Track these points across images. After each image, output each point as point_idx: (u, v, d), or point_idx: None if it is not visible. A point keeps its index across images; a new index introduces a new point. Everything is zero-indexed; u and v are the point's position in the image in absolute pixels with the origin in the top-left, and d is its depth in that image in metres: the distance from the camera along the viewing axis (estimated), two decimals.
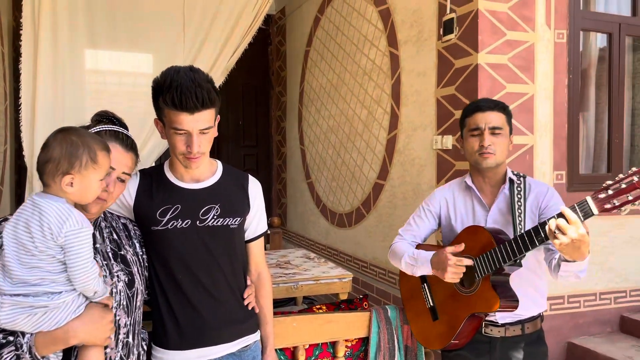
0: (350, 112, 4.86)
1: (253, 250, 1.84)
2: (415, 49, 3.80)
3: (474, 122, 1.85)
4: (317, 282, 2.95)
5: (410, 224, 2.07)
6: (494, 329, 1.84)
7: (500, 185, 1.88)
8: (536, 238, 1.55)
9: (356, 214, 4.78)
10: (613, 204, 1.40)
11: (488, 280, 1.72)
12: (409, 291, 2.10)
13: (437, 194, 2.02)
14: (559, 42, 3.38)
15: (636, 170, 1.38)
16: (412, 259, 1.90)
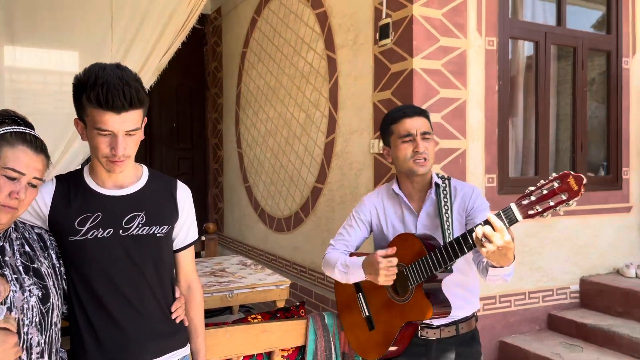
0: (289, 115, 4.81)
1: (182, 260, 1.74)
2: (352, 52, 3.81)
3: (404, 129, 1.83)
4: (253, 290, 2.86)
5: (342, 233, 2.03)
6: (430, 332, 1.85)
7: (427, 190, 1.88)
8: (465, 245, 1.57)
9: (295, 218, 4.73)
10: (536, 209, 1.41)
11: (421, 287, 1.72)
12: (345, 302, 2.07)
13: (366, 202, 2.00)
14: (489, 49, 3.48)
15: (556, 176, 1.40)
16: (344, 266, 1.87)
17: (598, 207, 3.96)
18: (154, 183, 1.66)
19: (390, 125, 1.89)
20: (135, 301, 1.58)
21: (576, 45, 3.88)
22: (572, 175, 1.38)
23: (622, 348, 3.24)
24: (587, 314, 3.67)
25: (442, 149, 3.31)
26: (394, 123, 1.87)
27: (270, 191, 5.25)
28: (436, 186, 1.86)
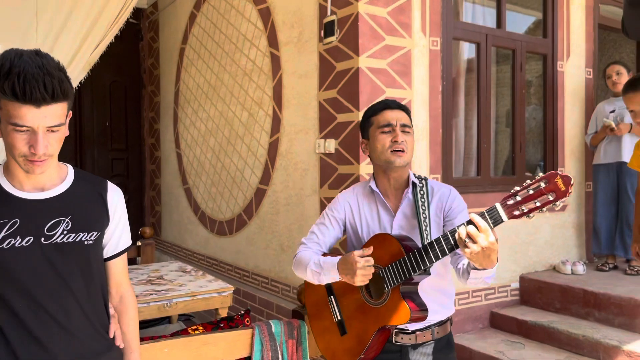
0: (230, 114, 4.65)
1: (114, 270, 1.58)
2: (297, 50, 3.71)
3: (384, 119, 1.77)
4: (193, 298, 2.69)
5: (314, 232, 1.93)
6: (405, 337, 1.78)
7: (404, 189, 1.82)
8: (446, 246, 1.50)
9: (237, 220, 4.57)
10: (522, 210, 1.37)
11: (398, 290, 1.64)
12: (315, 305, 1.96)
13: (340, 200, 1.91)
14: (433, 50, 3.49)
15: (543, 176, 1.36)
16: (318, 266, 1.76)
17: None
18: (80, 184, 1.49)
19: (371, 117, 1.83)
20: (61, 317, 1.41)
21: (515, 48, 3.97)
22: (559, 175, 1.34)
23: (562, 343, 3.32)
24: (527, 311, 3.75)
25: None
26: (375, 115, 1.82)
27: (211, 193, 5.06)
28: (413, 185, 1.80)
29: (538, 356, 3.24)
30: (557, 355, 3.24)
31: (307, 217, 3.64)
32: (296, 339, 2.08)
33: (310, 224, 3.57)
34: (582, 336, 3.23)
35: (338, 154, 3.33)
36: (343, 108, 3.27)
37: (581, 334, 3.25)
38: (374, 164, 1.86)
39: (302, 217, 3.70)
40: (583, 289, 3.61)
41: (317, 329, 1.94)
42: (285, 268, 3.90)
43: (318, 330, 1.93)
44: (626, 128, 3.91)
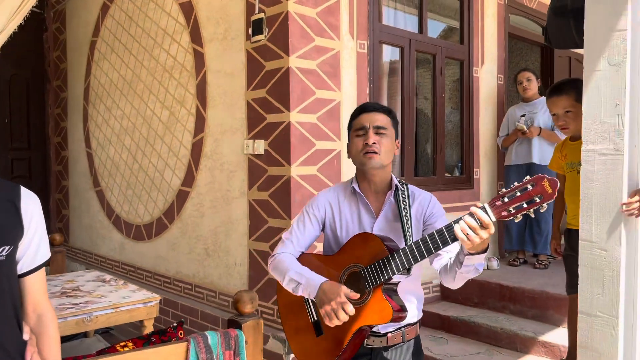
0: (149, 112, 4.41)
1: (31, 287, 1.41)
2: (223, 47, 3.59)
3: (359, 122, 1.77)
4: (116, 310, 2.50)
5: (294, 230, 1.87)
6: (376, 340, 1.76)
7: (385, 192, 1.81)
8: (441, 242, 1.51)
9: (157, 225, 4.35)
10: (509, 211, 1.41)
11: (380, 289, 1.63)
12: (288, 306, 1.88)
13: (321, 198, 1.87)
14: (360, 52, 3.52)
15: (530, 179, 1.40)
16: (298, 276, 1.71)
17: (454, 205, 4.23)
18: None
19: (351, 120, 1.83)
20: None
21: (436, 53, 4.11)
22: (546, 178, 1.38)
23: (482, 337, 3.48)
24: (449, 307, 3.90)
25: (318, 150, 3.25)
26: (354, 119, 1.81)
27: (127, 195, 4.78)
28: (395, 189, 1.79)
29: (461, 350, 3.37)
30: (478, 348, 3.39)
31: (234, 219, 3.54)
32: (233, 350, 1.99)
33: (238, 227, 3.50)
34: (500, 329, 3.41)
35: (268, 155, 3.26)
36: (273, 108, 3.20)
37: (499, 327, 3.42)
38: (356, 167, 1.84)
39: (229, 220, 3.59)
40: (499, 283, 3.81)
41: (290, 330, 1.87)
42: (211, 273, 3.77)
43: (291, 331, 1.86)
44: (536, 131, 4.17)
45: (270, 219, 3.26)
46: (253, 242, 3.40)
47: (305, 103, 3.17)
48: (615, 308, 1.90)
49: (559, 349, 3.12)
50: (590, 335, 1.97)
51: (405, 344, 1.81)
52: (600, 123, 1.93)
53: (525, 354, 3.25)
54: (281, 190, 3.18)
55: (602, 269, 1.94)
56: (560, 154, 2.30)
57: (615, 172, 1.90)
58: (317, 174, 3.25)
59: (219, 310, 3.67)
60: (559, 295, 3.45)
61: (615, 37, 1.88)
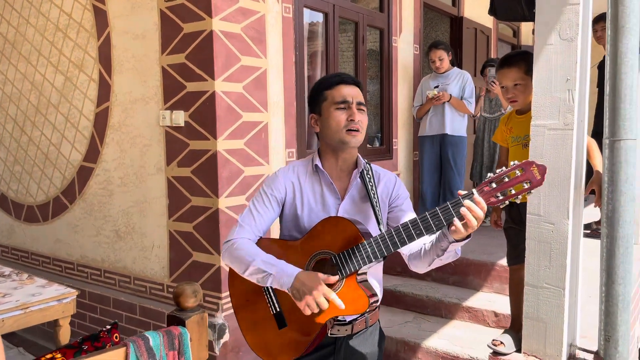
0: (39, 77, 3.85)
1: None
2: (130, 5, 3.18)
3: (339, 95, 1.60)
4: (26, 311, 2.14)
5: (252, 212, 1.65)
6: (341, 329, 1.64)
7: (350, 171, 1.67)
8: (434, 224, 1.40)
9: (54, 204, 3.87)
10: (497, 197, 1.35)
11: (354, 278, 1.50)
12: (243, 296, 1.67)
13: (280, 177, 1.68)
14: (286, 17, 3.30)
15: (519, 164, 1.34)
16: (268, 266, 1.51)
17: None
18: None
19: (324, 90, 1.63)
20: None
21: (358, 20, 4.00)
22: (535, 164, 1.33)
23: (408, 305, 3.55)
24: None
25: (245, 122, 3.03)
26: (329, 89, 1.62)
27: (15, 172, 4.20)
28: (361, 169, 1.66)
29: (389, 320, 3.41)
30: (405, 317, 3.45)
31: (151, 198, 3.22)
32: (178, 350, 1.78)
33: (155, 206, 3.20)
34: (426, 297, 3.49)
35: (189, 128, 2.97)
36: (194, 76, 2.91)
37: (424, 295, 3.50)
38: (323, 142, 1.67)
39: (144, 198, 3.26)
40: None
41: (246, 322, 1.68)
42: (124, 257, 3.43)
43: (247, 323, 1.68)
44: (447, 96, 4.23)
45: (194, 197, 3.01)
46: (173, 223, 3.13)
47: (230, 71, 2.91)
48: (561, 279, 1.97)
49: (482, 313, 3.26)
50: (537, 307, 2.03)
51: (368, 330, 1.74)
52: (551, 98, 1.94)
53: (451, 320, 3.36)
54: (206, 166, 2.93)
55: (550, 242, 1.98)
56: (506, 126, 2.31)
57: (564, 147, 1.93)
58: (245, 147, 3.04)
59: (135, 297, 3.37)
60: (478, 261, 3.60)
61: (568, 11, 1.88)
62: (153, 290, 3.28)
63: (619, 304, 1.86)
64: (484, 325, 3.24)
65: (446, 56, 4.38)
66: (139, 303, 3.30)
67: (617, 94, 1.81)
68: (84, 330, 3.54)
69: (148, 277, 3.31)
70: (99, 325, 3.42)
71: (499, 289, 3.46)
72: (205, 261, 3.01)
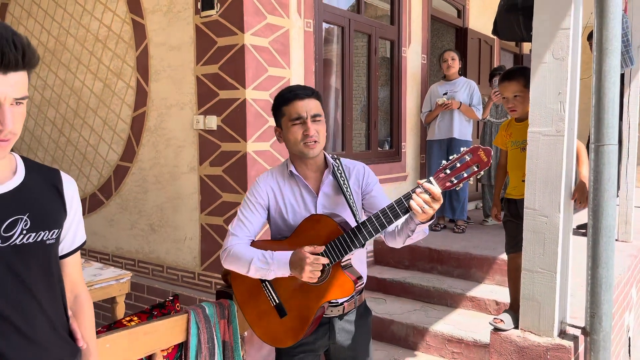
0: (78, 83, 4.19)
1: (70, 268, 1.43)
2: (167, 20, 3.51)
3: (294, 111, 1.77)
4: (91, 288, 2.47)
5: (242, 220, 1.88)
6: (334, 310, 1.89)
7: (321, 170, 1.89)
8: (401, 212, 1.60)
9: (91, 200, 4.21)
10: (452, 181, 1.57)
11: (339, 266, 1.74)
12: (246, 293, 1.93)
13: (261, 185, 1.90)
14: (307, 31, 3.63)
15: (467, 150, 1.56)
16: (265, 262, 1.76)
17: (385, 177, 4.56)
18: (34, 176, 1.32)
19: (282, 106, 1.82)
20: (25, 327, 1.25)
21: (371, 33, 4.32)
22: (481, 148, 1.54)
23: (416, 295, 3.86)
24: (383, 270, 4.23)
25: (270, 127, 3.36)
26: (285, 105, 1.81)
27: None
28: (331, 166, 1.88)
29: (399, 308, 3.72)
30: (414, 305, 3.76)
31: (184, 195, 3.55)
32: (227, 319, 2.10)
33: (188, 202, 3.53)
34: (433, 288, 3.80)
35: (221, 131, 3.30)
36: (226, 85, 3.24)
37: (431, 286, 3.81)
38: (290, 152, 1.89)
39: (177, 195, 3.59)
40: (427, 247, 4.20)
41: (251, 315, 1.92)
42: (157, 248, 3.76)
43: (253, 316, 1.92)
44: (456, 104, 4.56)
45: (225, 194, 3.33)
46: (205, 217, 3.45)
47: (259, 80, 3.24)
48: (553, 264, 2.28)
49: (485, 302, 3.57)
50: (532, 288, 2.34)
51: (356, 309, 1.96)
52: (545, 108, 2.27)
53: (456, 308, 3.67)
54: (236, 165, 3.25)
55: (544, 232, 2.30)
56: (506, 132, 2.63)
57: (556, 151, 2.25)
58: (270, 149, 3.36)
59: (167, 284, 3.69)
60: (480, 255, 3.91)
61: (560, 35, 2.20)
62: (185, 278, 3.61)
63: (602, 285, 2.18)
64: (486, 313, 3.55)
65: (457, 58, 4.71)
66: (172, 290, 3.62)
67: (601, 106, 2.13)
68: None
69: (180, 266, 3.63)
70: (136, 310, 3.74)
71: (500, 281, 3.77)
72: None
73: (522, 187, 2.39)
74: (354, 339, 1.94)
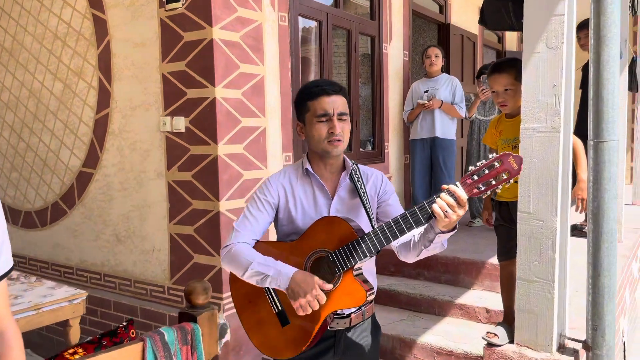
0: (37, 84, 3.91)
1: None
2: (130, 14, 3.26)
3: (321, 107, 1.66)
4: (39, 312, 2.21)
5: (248, 217, 1.74)
6: (340, 322, 1.73)
7: (339, 172, 1.76)
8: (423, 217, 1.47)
9: (53, 210, 3.92)
10: (479, 188, 1.43)
11: (350, 273, 1.59)
12: (245, 297, 1.75)
13: (273, 183, 1.77)
14: (282, 25, 3.41)
15: (497, 157, 1.43)
16: (265, 268, 1.61)
17: None
18: None
19: (307, 101, 1.69)
20: None
21: (350, 28, 4.11)
22: (512, 155, 1.41)
23: (402, 304, 3.65)
24: None
25: (243, 127, 3.12)
26: (311, 99, 1.68)
27: (12, 179, 4.23)
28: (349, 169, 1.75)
29: (385, 318, 3.50)
30: (400, 315, 3.55)
31: (151, 203, 3.30)
32: (190, 344, 1.86)
33: (155, 210, 3.27)
34: (420, 295, 3.60)
35: (190, 133, 3.06)
36: (194, 83, 3.00)
37: (418, 294, 3.61)
38: (310, 149, 1.77)
39: (144, 203, 3.33)
40: None
41: (249, 322, 1.76)
42: (124, 260, 3.50)
43: (251, 324, 1.76)
44: (437, 103, 4.37)
45: (195, 201, 3.09)
46: (174, 226, 3.20)
47: (229, 78, 3.01)
48: (551, 273, 2.09)
49: (474, 310, 3.38)
50: (528, 299, 2.15)
51: (365, 322, 1.82)
52: (538, 103, 2.07)
53: (444, 317, 3.47)
54: (207, 170, 3.01)
55: (540, 238, 2.11)
56: (496, 129, 2.43)
57: (551, 148, 2.06)
58: (244, 152, 3.13)
59: (135, 299, 3.43)
60: (469, 259, 3.72)
61: (554, 22, 2.00)
62: (154, 292, 3.35)
63: (605, 295, 1.99)
64: (476, 321, 3.35)
65: (441, 55, 4.52)
66: (140, 305, 3.36)
67: (600, 98, 1.94)
68: (85, 333, 3.59)
69: (149, 279, 3.37)
70: (100, 329, 3.48)
71: (490, 286, 3.58)
72: (206, 263, 3.09)
73: (515, 189, 2.19)
74: (361, 354, 1.80)
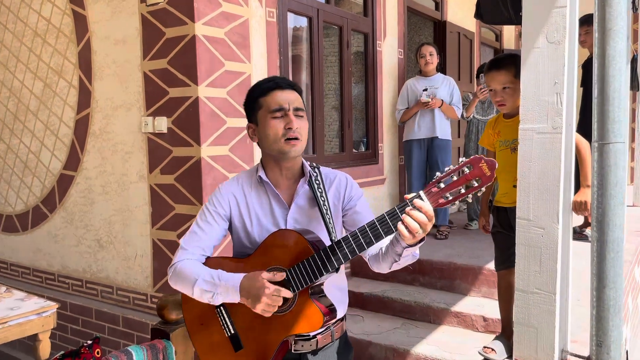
0: (17, 83, 3.76)
1: None
2: (111, 10, 3.12)
3: (274, 102, 1.50)
4: (4, 326, 2.06)
5: (195, 232, 1.57)
6: (305, 344, 1.56)
7: (296, 179, 1.60)
8: (383, 232, 1.32)
9: (34, 214, 3.78)
10: (446, 197, 1.27)
11: (307, 293, 1.43)
12: (197, 319, 1.60)
13: (223, 192, 1.60)
14: (270, 21, 3.27)
15: (467, 161, 1.26)
16: (211, 285, 1.44)
17: (361, 181, 4.20)
18: None
19: (259, 98, 1.54)
20: None
21: (342, 25, 3.97)
22: (484, 159, 1.24)
23: (396, 311, 3.51)
24: (361, 282, 3.88)
25: (229, 128, 2.98)
26: (263, 95, 1.53)
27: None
28: (308, 175, 1.58)
29: (378, 327, 3.36)
30: (394, 323, 3.41)
31: (133, 207, 3.15)
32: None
33: (138, 215, 3.13)
34: (414, 302, 3.46)
35: (172, 134, 2.92)
36: (177, 81, 2.85)
37: (413, 301, 3.47)
38: (264, 153, 1.59)
39: (126, 207, 3.19)
40: None
41: (202, 347, 1.60)
42: (106, 267, 3.35)
43: (204, 348, 1.60)
44: (439, 102, 4.23)
45: (178, 205, 2.94)
46: (157, 231, 3.06)
47: (214, 76, 2.87)
48: (552, 284, 1.95)
49: (471, 318, 3.24)
50: (528, 312, 2.01)
51: (334, 343, 1.65)
52: (539, 101, 1.93)
53: (440, 325, 3.33)
54: (190, 173, 2.87)
55: (540, 246, 1.97)
56: (493, 130, 2.29)
57: (553, 151, 1.92)
58: (229, 154, 2.99)
59: (118, 308, 3.28)
60: (465, 265, 3.58)
61: (555, 14, 1.86)
62: (136, 300, 3.21)
63: (610, 309, 1.85)
64: (472, 330, 3.22)
65: (435, 53, 4.37)
66: (122, 314, 3.21)
67: (605, 97, 1.80)
68: (65, 342, 3.45)
69: (131, 287, 3.23)
70: (81, 338, 3.34)
71: (487, 292, 3.44)
72: None
73: (514, 194, 2.05)
74: None
